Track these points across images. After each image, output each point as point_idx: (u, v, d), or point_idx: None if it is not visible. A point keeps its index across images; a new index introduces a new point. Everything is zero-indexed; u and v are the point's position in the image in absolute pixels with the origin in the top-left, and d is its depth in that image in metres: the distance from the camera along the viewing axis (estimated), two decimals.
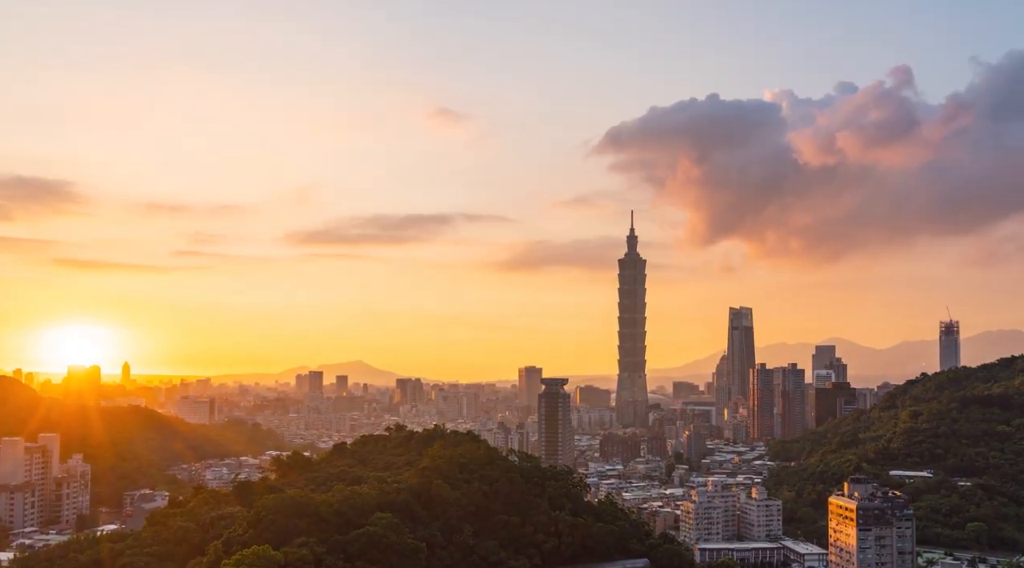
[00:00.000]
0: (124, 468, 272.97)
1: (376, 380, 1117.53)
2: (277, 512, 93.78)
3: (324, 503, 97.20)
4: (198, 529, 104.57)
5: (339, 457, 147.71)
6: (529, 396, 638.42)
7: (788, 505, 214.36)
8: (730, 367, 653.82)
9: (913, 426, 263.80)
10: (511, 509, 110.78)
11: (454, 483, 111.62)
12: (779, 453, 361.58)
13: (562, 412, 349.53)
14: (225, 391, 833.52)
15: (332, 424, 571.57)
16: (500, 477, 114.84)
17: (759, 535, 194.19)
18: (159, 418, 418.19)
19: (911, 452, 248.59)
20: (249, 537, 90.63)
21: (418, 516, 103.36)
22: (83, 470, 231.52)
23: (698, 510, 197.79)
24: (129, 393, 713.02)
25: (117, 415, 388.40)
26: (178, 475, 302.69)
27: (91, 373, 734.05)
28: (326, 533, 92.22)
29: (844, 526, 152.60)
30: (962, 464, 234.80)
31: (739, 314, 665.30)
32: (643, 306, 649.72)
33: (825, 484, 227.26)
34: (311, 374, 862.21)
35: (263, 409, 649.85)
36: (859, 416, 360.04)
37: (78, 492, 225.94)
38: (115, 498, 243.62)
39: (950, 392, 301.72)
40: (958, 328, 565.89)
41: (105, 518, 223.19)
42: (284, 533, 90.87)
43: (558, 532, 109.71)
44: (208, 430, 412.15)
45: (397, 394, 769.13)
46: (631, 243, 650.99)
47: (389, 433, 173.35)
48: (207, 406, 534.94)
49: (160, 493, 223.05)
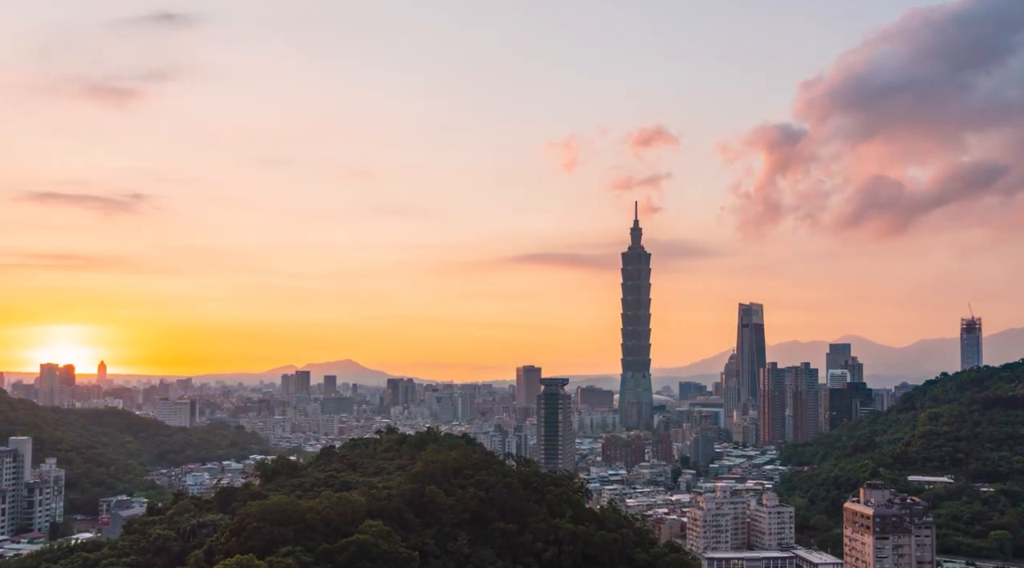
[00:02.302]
0: (100, 473, 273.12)
1: (366, 380, 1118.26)
2: (261, 519, 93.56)
3: (311, 510, 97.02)
4: (178, 538, 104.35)
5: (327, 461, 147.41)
6: (528, 397, 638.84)
7: (801, 512, 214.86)
8: (739, 367, 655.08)
9: (932, 429, 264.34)
10: (508, 516, 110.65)
11: (448, 489, 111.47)
12: (791, 457, 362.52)
13: (562, 414, 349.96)
14: (207, 392, 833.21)
15: (319, 426, 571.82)
16: (497, 483, 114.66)
17: (770, 544, 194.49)
18: (137, 420, 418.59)
19: (930, 456, 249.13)
20: (232, 546, 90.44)
21: (410, 524, 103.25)
22: (57, 475, 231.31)
23: (706, 517, 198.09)
24: (105, 394, 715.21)
25: (93, 417, 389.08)
26: (157, 480, 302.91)
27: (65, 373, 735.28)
28: (313, 542, 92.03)
29: (860, 534, 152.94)
30: (985, 469, 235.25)
31: (749, 310, 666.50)
32: (648, 302, 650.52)
33: (840, 490, 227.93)
34: (297, 374, 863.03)
35: (247, 411, 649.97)
36: (875, 418, 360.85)
37: (51, 498, 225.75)
38: (90, 505, 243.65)
39: (972, 393, 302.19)
40: (980, 325, 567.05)
41: (80, 526, 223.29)
42: (269, 542, 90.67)
43: (558, 540, 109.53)
44: (189, 433, 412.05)
45: (388, 395, 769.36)
46: (635, 236, 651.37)
47: (380, 436, 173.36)
48: (187, 407, 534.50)
49: (138, 499, 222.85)
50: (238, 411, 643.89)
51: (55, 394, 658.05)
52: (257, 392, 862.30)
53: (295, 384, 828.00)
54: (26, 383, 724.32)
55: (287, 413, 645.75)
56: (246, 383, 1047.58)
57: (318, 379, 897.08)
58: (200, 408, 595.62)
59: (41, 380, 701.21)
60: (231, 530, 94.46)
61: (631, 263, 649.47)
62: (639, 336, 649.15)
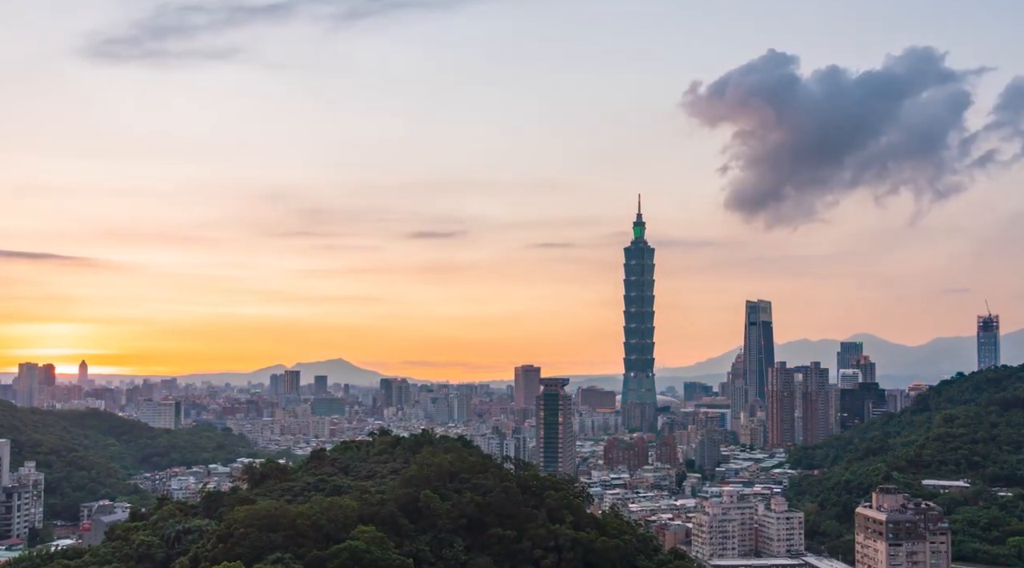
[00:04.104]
0: (81, 477, 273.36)
1: (358, 380, 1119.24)
2: (249, 525, 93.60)
3: (301, 515, 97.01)
4: (162, 544, 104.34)
5: (317, 465, 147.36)
6: (526, 398, 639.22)
7: (811, 518, 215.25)
8: (747, 366, 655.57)
9: (948, 431, 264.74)
10: (506, 522, 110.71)
11: (444, 494, 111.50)
12: (801, 460, 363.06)
13: (562, 415, 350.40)
14: (192, 392, 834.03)
15: (310, 428, 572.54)
16: (494, 487, 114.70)
17: (779, 550, 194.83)
18: (120, 422, 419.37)
19: (946, 459, 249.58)
20: (219, 553, 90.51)
21: (404, 530, 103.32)
22: (36, 479, 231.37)
23: (712, 523, 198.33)
24: (87, 394, 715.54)
25: (74, 418, 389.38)
26: (140, 485, 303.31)
27: (45, 372, 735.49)
28: (303, 548, 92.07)
29: (872, 541, 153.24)
30: (1002, 472, 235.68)
31: (756, 307, 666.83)
32: (651, 298, 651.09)
33: (851, 494, 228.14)
34: (287, 373, 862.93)
35: (234, 412, 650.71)
36: (888, 420, 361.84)
37: (30, 503, 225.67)
38: (71, 510, 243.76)
39: (989, 393, 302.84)
40: (997, 323, 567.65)
41: (60, 532, 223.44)
42: (257, 548, 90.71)
43: (558, 547, 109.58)
44: (173, 435, 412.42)
45: (381, 395, 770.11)
46: (638, 229, 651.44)
47: (372, 438, 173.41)
48: (172, 409, 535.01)
49: (120, 504, 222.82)
50: (225, 412, 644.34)
51: (34, 394, 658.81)
52: (245, 392, 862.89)
53: (284, 384, 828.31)
54: (4, 383, 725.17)
55: (276, 414, 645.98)
56: (233, 383, 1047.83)
57: (308, 379, 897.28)
58: (185, 409, 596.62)
59: (20, 380, 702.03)
60: (218, 536, 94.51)
61: (633, 257, 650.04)
62: (642, 334, 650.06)
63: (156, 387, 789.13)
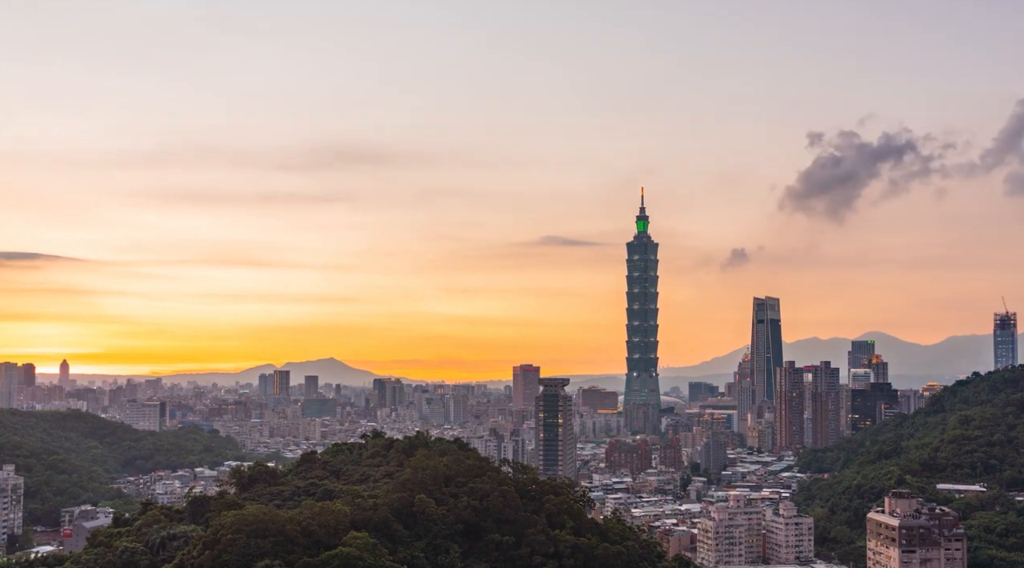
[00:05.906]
0: (62, 481, 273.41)
1: (350, 380, 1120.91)
2: (237, 531, 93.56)
3: (291, 521, 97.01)
4: (147, 551, 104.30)
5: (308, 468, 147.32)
6: (525, 399, 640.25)
7: (820, 523, 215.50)
8: (754, 366, 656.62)
9: (963, 433, 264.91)
10: (504, 527, 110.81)
11: (439, 498, 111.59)
12: (810, 463, 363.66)
13: (563, 417, 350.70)
14: (178, 393, 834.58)
15: (300, 430, 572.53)
16: (492, 491, 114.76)
17: (787, 557, 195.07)
18: (102, 423, 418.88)
19: (961, 463, 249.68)
20: (205, 560, 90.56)
21: (398, 535, 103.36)
22: (15, 483, 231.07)
23: (717, 529, 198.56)
24: (68, 395, 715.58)
25: (54, 420, 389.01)
26: (124, 489, 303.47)
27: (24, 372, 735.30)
28: (293, 555, 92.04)
29: (885, 547, 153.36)
30: (1020, 476, 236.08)
31: (764, 305, 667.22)
32: (655, 296, 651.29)
33: (862, 499, 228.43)
34: (276, 373, 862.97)
35: (221, 413, 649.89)
36: (901, 421, 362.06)
37: (9, 508, 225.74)
38: (52, 515, 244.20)
39: (1006, 394, 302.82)
40: (1015, 321, 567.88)
41: (40, 538, 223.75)
42: (245, 555, 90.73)
43: (558, 553, 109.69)
44: (158, 437, 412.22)
45: (374, 396, 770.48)
46: (641, 223, 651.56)
47: (365, 441, 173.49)
48: (157, 410, 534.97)
49: (103, 509, 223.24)
50: (212, 413, 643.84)
51: (14, 395, 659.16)
52: (232, 393, 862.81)
53: (273, 384, 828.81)
54: None
55: (265, 416, 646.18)
56: (220, 383, 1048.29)
57: (298, 379, 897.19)
58: (171, 410, 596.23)
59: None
60: (204, 542, 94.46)
61: (637, 253, 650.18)
62: (645, 332, 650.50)
63: (140, 387, 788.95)
